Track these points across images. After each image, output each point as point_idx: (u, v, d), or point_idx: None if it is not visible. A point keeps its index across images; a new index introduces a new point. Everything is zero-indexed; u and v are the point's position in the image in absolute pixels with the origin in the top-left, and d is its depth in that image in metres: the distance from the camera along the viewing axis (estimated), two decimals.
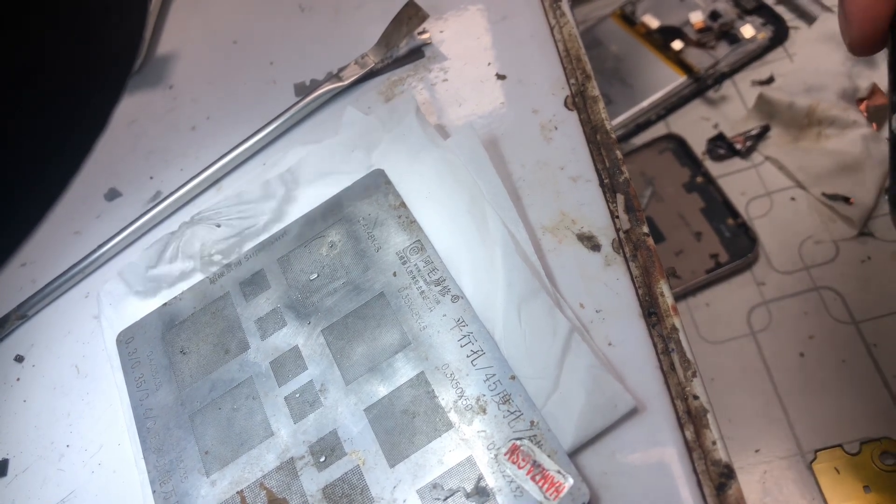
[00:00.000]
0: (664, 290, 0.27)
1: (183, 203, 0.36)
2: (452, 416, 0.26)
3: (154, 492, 0.28)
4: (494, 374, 0.26)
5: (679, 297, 0.69)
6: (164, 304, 0.33)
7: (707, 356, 0.66)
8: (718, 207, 0.72)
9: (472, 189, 0.30)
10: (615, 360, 0.26)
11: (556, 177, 0.31)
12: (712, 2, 0.84)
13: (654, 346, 0.26)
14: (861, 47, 0.22)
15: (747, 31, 0.80)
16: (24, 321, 0.35)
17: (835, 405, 0.60)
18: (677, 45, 0.82)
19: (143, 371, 0.31)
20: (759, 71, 0.79)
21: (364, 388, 0.28)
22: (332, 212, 0.32)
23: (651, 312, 0.27)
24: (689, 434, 0.25)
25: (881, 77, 0.71)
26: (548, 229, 0.30)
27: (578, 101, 0.33)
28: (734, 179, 0.74)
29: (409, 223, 0.31)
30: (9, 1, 0.17)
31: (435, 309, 0.28)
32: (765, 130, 0.74)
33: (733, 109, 0.78)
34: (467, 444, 0.26)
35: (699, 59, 0.81)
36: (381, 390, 0.28)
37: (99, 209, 0.38)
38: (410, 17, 0.36)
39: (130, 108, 0.42)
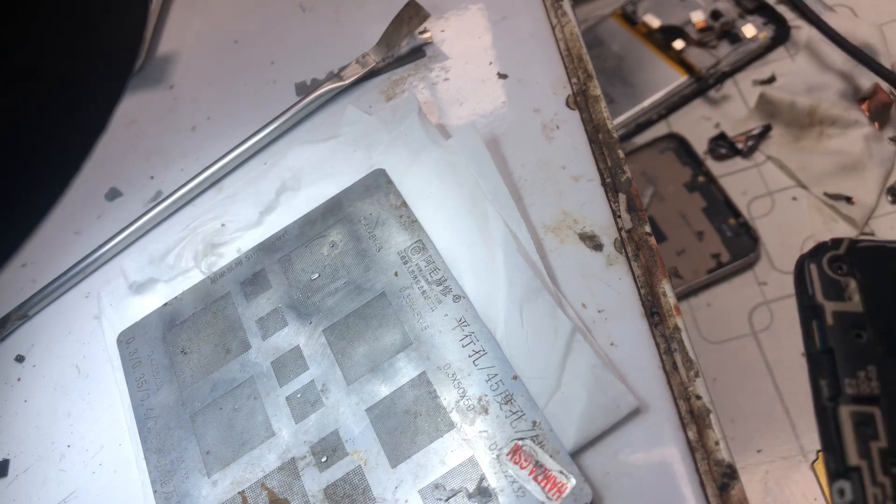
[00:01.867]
0: (666, 290, 0.27)
1: (183, 203, 0.36)
2: (454, 417, 0.26)
3: (155, 492, 0.28)
4: (496, 374, 0.26)
5: (681, 297, 0.69)
6: (165, 303, 0.33)
7: (709, 356, 0.66)
8: (720, 207, 0.72)
9: (474, 189, 0.30)
10: (617, 360, 0.26)
11: (557, 176, 0.31)
12: (713, 1, 0.84)
13: (657, 345, 0.26)
14: None
15: (749, 30, 0.80)
16: (24, 321, 0.35)
17: None
18: (678, 44, 0.82)
19: (143, 371, 0.31)
20: (760, 70, 0.79)
21: (366, 388, 0.28)
22: (333, 211, 0.32)
23: (653, 312, 0.27)
24: (691, 434, 0.24)
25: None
26: (549, 229, 0.30)
27: (580, 101, 0.32)
28: (736, 179, 0.74)
29: (411, 223, 0.31)
30: (9, 1, 0.17)
31: (436, 309, 0.28)
32: (766, 130, 0.74)
33: (735, 109, 0.78)
34: (469, 444, 0.25)
35: (700, 59, 0.81)
36: (383, 390, 0.27)
37: (99, 209, 0.38)
38: (411, 16, 0.36)
39: (131, 108, 0.41)
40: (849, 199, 0.67)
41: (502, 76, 0.35)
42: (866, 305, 0.16)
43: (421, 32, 0.37)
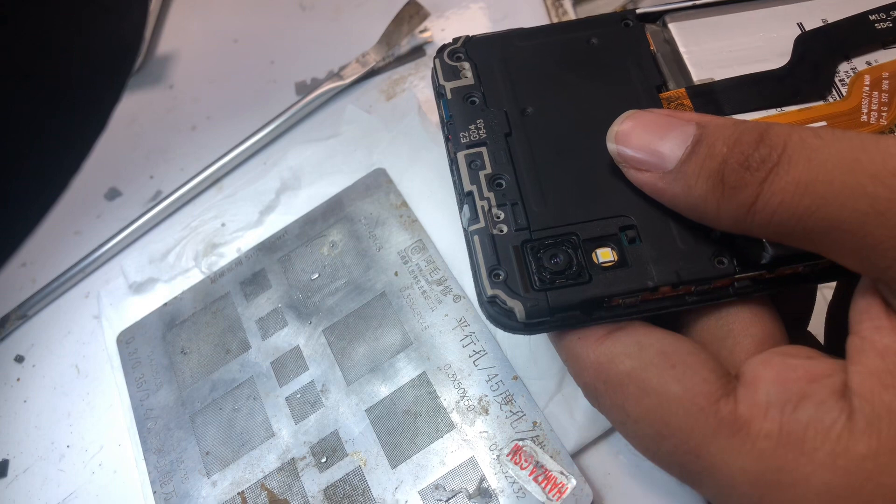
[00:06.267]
0: None
1: (183, 202, 0.36)
2: (454, 417, 0.26)
3: (155, 492, 0.28)
4: (497, 375, 0.26)
5: None
6: (165, 303, 0.32)
7: None
8: None
9: None
10: None
11: None
12: None
13: None
14: None
15: None
16: (24, 321, 0.35)
17: None
18: None
19: (143, 371, 0.31)
20: None
21: (365, 388, 0.28)
22: (333, 211, 0.32)
23: None
24: None
25: None
26: None
27: None
28: None
29: (411, 222, 0.31)
30: (9, 2, 0.17)
31: (437, 309, 0.28)
32: None
33: None
34: (469, 444, 0.25)
35: None
36: (383, 391, 0.27)
37: (99, 209, 0.38)
38: (412, 15, 0.36)
39: (130, 108, 0.41)
40: None
41: None
42: (476, 78, 0.21)
43: (421, 31, 0.37)
